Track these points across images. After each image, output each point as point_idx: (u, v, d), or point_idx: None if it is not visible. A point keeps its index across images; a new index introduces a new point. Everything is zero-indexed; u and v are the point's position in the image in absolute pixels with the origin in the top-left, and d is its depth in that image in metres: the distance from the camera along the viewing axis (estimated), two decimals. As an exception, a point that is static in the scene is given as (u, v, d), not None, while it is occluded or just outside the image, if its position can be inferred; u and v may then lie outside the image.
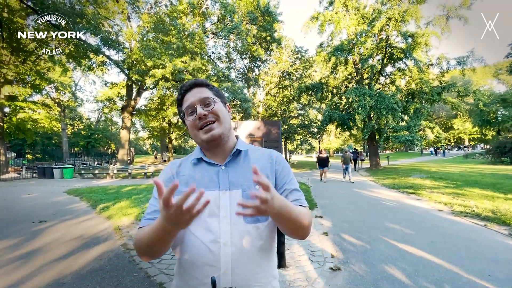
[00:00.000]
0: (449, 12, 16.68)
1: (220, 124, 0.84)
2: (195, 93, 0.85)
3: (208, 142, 0.83)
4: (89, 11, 14.98)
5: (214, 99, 0.86)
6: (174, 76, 16.72)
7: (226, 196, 0.79)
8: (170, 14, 18.39)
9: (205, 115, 0.82)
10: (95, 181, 13.93)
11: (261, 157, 0.89)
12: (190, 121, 0.83)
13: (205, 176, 0.83)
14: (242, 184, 0.81)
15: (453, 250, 3.45)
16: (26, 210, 6.41)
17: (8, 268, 3.09)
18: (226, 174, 0.83)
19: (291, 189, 0.85)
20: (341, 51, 17.14)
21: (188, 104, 0.84)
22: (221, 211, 0.78)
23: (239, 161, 0.87)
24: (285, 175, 0.87)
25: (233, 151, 0.87)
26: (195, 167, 0.86)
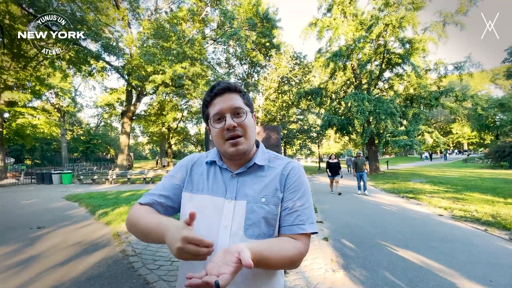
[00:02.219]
0: (446, 18, 16.91)
1: (247, 140, 0.80)
2: (227, 100, 0.79)
3: (232, 156, 0.80)
4: (90, 18, 15.12)
5: (245, 110, 0.81)
6: (174, 82, 16.83)
7: (230, 206, 0.78)
8: (170, 20, 18.58)
9: (234, 127, 0.77)
10: (94, 186, 13.88)
11: (276, 168, 0.85)
12: (217, 129, 0.79)
13: (214, 180, 0.83)
14: (248, 195, 0.78)
15: (454, 255, 3.44)
16: (25, 216, 6.36)
17: (6, 274, 3.06)
18: (235, 183, 0.81)
19: (293, 209, 0.79)
20: (339, 56, 17.30)
21: (217, 111, 0.79)
22: (222, 220, 0.76)
23: (251, 172, 0.84)
24: (293, 191, 0.81)
25: (249, 164, 0.83)
26: (209, 169, 0.87)
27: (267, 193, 0.79)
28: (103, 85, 27.85)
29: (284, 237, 0.78)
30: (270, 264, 0.68)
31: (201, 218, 0.75)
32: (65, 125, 30.03)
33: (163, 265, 3.25)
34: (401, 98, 18.43)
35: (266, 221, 0.77)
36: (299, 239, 0.76)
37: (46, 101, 28.43)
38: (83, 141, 33.18)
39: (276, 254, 0.69)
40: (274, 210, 0.78)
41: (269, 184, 0.81)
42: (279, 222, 0.80)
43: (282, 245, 0.72)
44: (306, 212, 0.79)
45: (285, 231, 0.78)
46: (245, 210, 0.77)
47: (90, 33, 14.34)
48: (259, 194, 0.79)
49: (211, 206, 0.79)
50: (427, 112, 19.07)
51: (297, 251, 0.73)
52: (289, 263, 0.72)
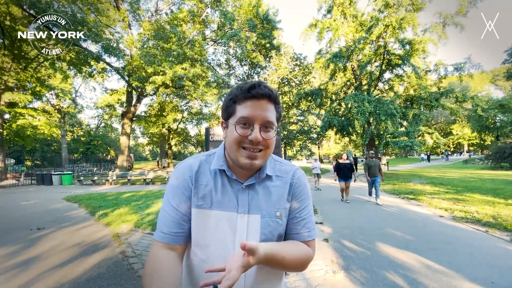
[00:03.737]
0: (446, 19, 16.96)
1: (265, 156, 0.74)
2: (262, 108, 0.71)
3: (243, 167, 0.73)
4: (91, 19, 15.15)
5: (275, 127, 0.75)
6: (174, 83, 16.85)
7: (244, 221, 0.74)
8: (171, 22, 18.63)
9: (259, 142, 0.70)
10: (94, 187, 13.87)
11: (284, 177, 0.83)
12: (238, 134, 0.70)
13: (224, 193, 0.77)
14: (262, 209, 0.76)
15: (455, 257, 3.42)
16: (24, 217, 6.35)
17: (6, 276, 3.05)
18: (246, 195, 0.77)
19: (301, 218, 0.80)
20: (339, 57, 17.33)
21: (247, 115, 0.70)
22: (237, 237, 0.74)
23: (261, 182, 0.79)
24: (300, 200, 0.82)
25: (261, 175, 0.78)
26: (215, 177, 0.78)
27: (280, 206, 0.79)
28: (103, 86, 27.88)
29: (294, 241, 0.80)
30: (283, 263, 0.70)
31: (214, 235, 0.74)
32: (65, 126, 30.07)
33: (163, 267, 3.24)
34: (401, 99, 18.44)
35: (279, 233, 0.78)
36: (307, 244, 0.79)
37: (47, 102, 28.49)
38: (83, 142, 33.17)
39: (288, 254, 0.71)
40: (284, 221, 0.80)
41: (282, 196, 0.80)
42: (287, 229, 0.81)
43: (294, 247, 0.75)
44: (311, 220, 0.82)
45: (294, 238, 0.80)
46: (259, 225, 0.75)
47: (90, 34, 14.37)
48: (273, 208, 0.78)
49: (223, 222, 0.74)
50: (427, 113, 19.08)
51: (307, 254, 0.76)
52: (299, 264, 0.74)
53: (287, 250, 0.72)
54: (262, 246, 0.66)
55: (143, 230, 4.88)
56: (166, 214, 0.76)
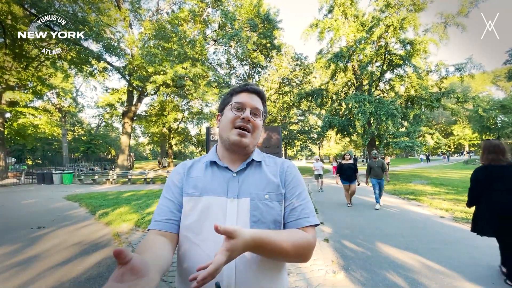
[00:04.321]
0: (447, 19, 16.93)
1: (253, 138, 0.86)
2: (253, 99, 0.88)
3: (233, 145, 0.84)
4: (92, 18, 15.16)
5: (262, 115, 0.90)
6: (175, 82, 16.86)
7: (234, 205, 0.78)
8: (172, 21, 18.63)
9: (249, 121, 0.84)
10: (95, 186, 13.89)
11: (274, 166, 0.90)
12: (233, 115, 0.85)
13: (214, 180, 0.83)
14: (251, 192, 0.80)
15: (456, 257, 3.42)
16: (25, 216, 6.37)
17: (6, 275, 3.06)
18: (237, 182, 0.82)
19: (297, 204, 0.83)
20: (340, 57, 17.32)
21: (241, 101, 0.86)
22: (227, 220, 0.76)
23: (251, 169, 0.87)
24: (293, 187, 0.85)
25: (247, 160, 0.87)
26: (206, 170, 0.86)
27: (270, 190, 0.82)
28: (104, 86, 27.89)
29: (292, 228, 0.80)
30: (278, 251, 0.68)
31: (206, 220, 0.77)
32: (66, 125, 30.12)
33: (163, 266, 3.24)
34: (402, 100, 18.42)
35: (272, 218, 0.79)
36: (306, 230, 0.79)
37: (48, 101, 28.54)
38: (84, 141, 33.26)
39: (284, 241, 0.69)
40: (278, 206, 0.81)
41: (271, 181, 0.84)
42: (284, 218, 0.83)
43: (291, 233, 0.75)
44: (309, 206, 0.84)
45: (292, 226, 0.81)
46: (249, 207, 0.78)
47: (91, 33, 14.38)
48: (262, 191, 0.81)
49: (214, 207, 0.78)
50: (428, 113, 19.07)
51: (306, 240, 0.75)
52: (299, 252, 0.73)
53: (282, 237, 0.70)
54: (249, 230, 0.65)
55: (143, 229, 4.89)
56: (160, 206, 0.83)
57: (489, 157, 2.82)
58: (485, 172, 2.79)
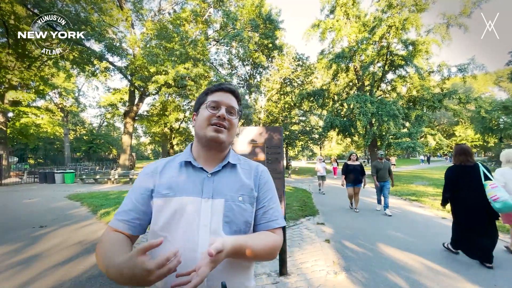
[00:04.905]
0: (449, 20, 16.86)
1: (229, 135, 0.88)
2: (228, 98, 0.90)
3: (210, 141, 0.85)
4: (94, 19, 15.21)
5: (238, 113, 0.93)
6: (176, 82, 16.87)
7: (208, 205, 0.80)
8: (173, 21, 18.66)
9: (225, 118, 0.86)
10: (96, 186, 13.92)
11: (248, 170, 0.93)
12: (209, 112, 0.86)
13: (189, 181, 0.83)
14: (226, 194, 0.83)
15: (457, 259, 3.40)
16: (27, 215, 6.39)
17: (8, 273, 3.07)
18: (211, 182, 0.84)
19: (269, 207, 0.89)
20: (342, 58, 17.28)
21: (216, 100, 0.88)
22: (201, 220, 0.78)
23: (226, 171, 0.88)
24: (266, 191, 0.91)
25: (223, 163, 0.89)
26: (181, 170, 0.86)
27: (243, 192, 0.86)
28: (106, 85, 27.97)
29: (262, 231, 0.86)
30: (253, 253, 0.75)
31: (180, 219, 0.78)
32: (68, 125, 30.21)
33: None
34: (404, 100, 18.37)
35: (243, 219, 0.83)
36: (275, 232, 0.86)
37: (50, 101, 28.65)
38: (86, 141, 33.38)
39: (258, 244, 0.77)
40: (250, 208, 0.86)
41: (245, 184, 0.87)
42: (255, 220, 0.88)
43: (263, 237, 0.82)
44: (278, 209, 0.90)
45: (263, 228, 0.87)
46: (223, 208, 0.81)
47: (93, 33, 14.43)
48: (236, 193, 0.84)
49: (189, 207, 0.79)
50: (430, 114, 19.01)
51: (276, 242, 0.83)
52: (270, 252, 0.80)
53: (254, 240, 0.77)
54: (229, 240, 0.70)
55: (144, 229, 4.89)
56: (124, 205, 0.83)
57: (460, 158, 3.37)
58: (455, 171, 3.35)
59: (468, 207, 3.18)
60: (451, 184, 3.34)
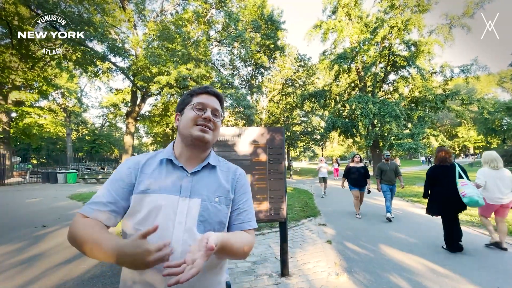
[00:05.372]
0: (452, 21, 16.79)
1: (213, 136, 0.91)
2: (213, 101, 0.93)
3: (196, 140, 0.87)
4: (97, 19, 15.30)
5: (222, 116, 0.95)
6: (178, 83, 16.90)
7: (185, 203, 0.82)
8: (176, 22, 18.72)
9: (210, 120, 0.89)
10: (98, 186, 13.98)
11: (226, 172, 0.96)
12: (195, 113, 0.88)
13: (168, 179, 0.85)
14: (203, 194, 0.85)
15: (461, 261, 3.38)
16: (30, 214, 6.43)
17: (11, 272, 3.09)
18: (190, 182, 0.86)
19: (243, 209, 0.92)
20: (344, 59, 17.25)
21: (202, 102, 0.90)
22: (177, 217, 0.80)
23: (205, 172, 0.91)
24: (242, 194, 0.94)
25: (204, 163, 0.91)
26: (161, 167, 0.88)
27: (220, 194, 0.89)
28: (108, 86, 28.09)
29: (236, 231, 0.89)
30: (234, 251, 0.79)
31: (156, 217, 0.79)
32: (70, 125, 30.37)
33: (165, 266, 3.24)
34: (406, 101, 18.29)
35: (218, 219, 0.86)
36: (248, 232, 0.90)
37: (53, 101, 28.81)
38: (88, 141, 33.53)
39: (237, 242, 0.80)
40: (225, 209, 0.89)
41: (222, 185, 0.91)
42: (229, 220, 0.91)
43: (240, 236, 0.85)
44: (252, 211, 0.95)
45: (236, 228, 0.90)
46: (199, 208, 0.83)
47: (96, 34, 14.51)
48: (213, 194, 0.87)
49: (166, 205, 0.80)
50: (433, 115, 18.90)
51: (250, 242, 0.87)
52: (245, 251, 0.83)
53: (235, 239, 0.81)
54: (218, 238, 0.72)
55: (146, 229, 4.90)
56: (100, 195, 0.82)
57: (439, 159, 3.89)
58: (435, 170, 3.88)
59: (442, 199, 3.72)
60: (431, 180, 3.89)
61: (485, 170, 3.86)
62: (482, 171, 3.88)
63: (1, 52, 14.06)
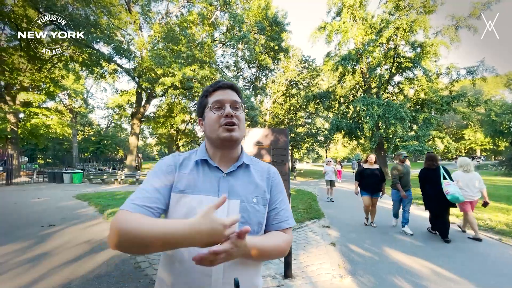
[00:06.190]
0: (458, 22, 16.61)
1: (240, 131, 0.88)
2: (228, 94, 0.89)
3: (224, 141, 0.85)
4: (103, 22, 15.51)
5: (242, 106, 0.91)
6: (183, 84, 17.04)
7: (224, 205, 0.80)
8: (181, 24, 18.89)
9: (232, 116, 0.85)
10: (103, 186, 14.11)
11: (260, 171, 0.94)
12: (215, 115, 0.85)
13: (206, 180, 0.84)
14: (241, 195, 0.84)
15: (466, 264, 3.33)
16: (36, 213, 6.52)
17: (18, 270, 3.14)
18: (227, 182, 0.85)
19: (280, 208, 0.91)
20: (348, 60, 17.17)
21: (218, 99, 0.87)
22: None
23: (240, 171, 0.89)
24: (277, 193, 0.93)
25: (238, 163, 0.89)
26: (197, 168, 0.87)
27: (257, 194, 0.87)
28: (114, 87, 28.48)
29: (273, 231, 0.88)
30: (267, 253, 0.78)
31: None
32: (76, 126, 30.74)
33: (169, 266, 3.26)
34: (411, 103, 18.13)
35: (257, 220, 0.85)
36: (286, 231, 0.89)
37: (59, 102, 29.21)
38: (94, 142, 33.88)
39: (270, 245, 0.79)
40: (263, 210, 0.87)
41: (259, 185, 0.89)
42: (267, 221, 0.89)
43: (275, 238, 0.84)
44: (288, 209, 0.94)
45: (274, 228, 0.89)
46: (238, 209, 0.82)
47: (103, 36, 14.71)
48: (251, 195, 0.86)
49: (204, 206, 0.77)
50: (438, 117, 18.68)
51: (286, 241, 0.86)
52: (281, 251, 0.83)
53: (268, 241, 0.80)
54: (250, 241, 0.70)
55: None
56: (144, 192, 0.78)
57: (428, 163, 4.59)
58: (424, 173, 4.59)
59: (431, 198, 4.37)
60: (421, 181, 4.61)
61: (459, 173, 4.59)
62: (455, 174, 4.58)
63: (10, 54, 14.34)
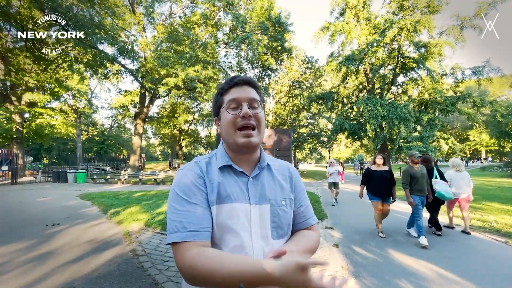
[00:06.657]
0: (463, 22, 16.45)
1: (259, 133, 0.81)
2: (245, 91, 0.80)
3: (243, 147, 0.79)
4: (107, 23, 15.63)
5: (261, 104, 0.83)
6: (186, 85, 17.11)
7: (256, 211, 0.78)
8: (184, 25, 18.97)
9: (250, 116, 0.77)
10: (107, 186, 14.19)
11: (281, 170, 0.91)
12: (231, 115, 0.78)
13: (235, 186, 0.79)
14: (270, 199, 0.82)
15: (471, 267, 3.29)
16: (41, 213, 6.57)
17: (22, 269, 3.16)
18: (254, 186, 0.81)
19: (305, 205, 0.91)
20: (352, 60, 17.10)
21: (234, 97, 0.79)
22: (252, 227, 0.77)
23: (264, 173, 0.85)
24: (300, 190, 0.92)
25: (261, 164, 0.85)
26: (223, 174, 0.80)
27: (285, 196, 0.86)
28: (117, 88, 28.65)
29: (301, 231, 0.88)
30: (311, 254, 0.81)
31: (232, 227, 0.75)
32: (80, 126, 30.99)
33: (172, 266, 3.27)
34: (415, 103, 18.00)
35: (287, 222, 0.84)
36: (312, 228, 0.90)
37: (64, 102, 29.51)
38: (97, 142, 34.16)
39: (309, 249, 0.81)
40: (290, 210, 0.86)
41: (284, 187, 0.87)
42: (294, 220, 0.89)
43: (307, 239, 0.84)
44: (310, 206, 0.94)
45: (302, 226, 0.89)
46: (269, 214, 0.80)
47: (107, 37, 14.83)
48: (280, 197, 0.84)
49: (239, 214, 0.76)
50: (443, 118, 18.51)
51: (317, 240, 0.87)
52: (315, 251, 0.84)
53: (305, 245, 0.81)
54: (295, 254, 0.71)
55: (153, 229, 4.95)
56: (189, 213, 0.72)
57: (424, 164, 4.92)
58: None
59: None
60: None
61: (451, 173, 4.94)
62: (447, 174, 4.94)
63: (16, 55, 14.51)
